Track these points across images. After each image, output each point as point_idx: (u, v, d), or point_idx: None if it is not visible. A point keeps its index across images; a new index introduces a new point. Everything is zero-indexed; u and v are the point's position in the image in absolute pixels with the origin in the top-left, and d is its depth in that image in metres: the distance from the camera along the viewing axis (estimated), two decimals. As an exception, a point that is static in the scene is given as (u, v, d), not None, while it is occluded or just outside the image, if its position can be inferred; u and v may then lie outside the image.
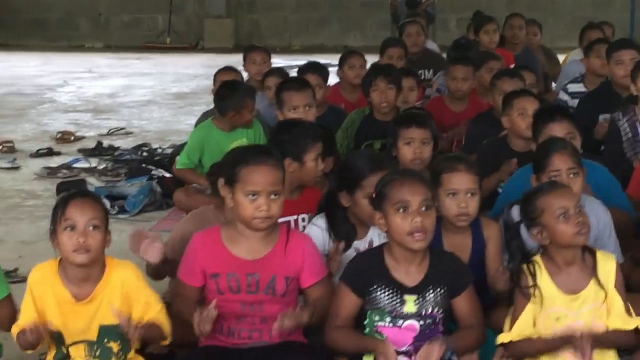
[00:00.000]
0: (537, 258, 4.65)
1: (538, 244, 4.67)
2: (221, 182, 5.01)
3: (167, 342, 4.78)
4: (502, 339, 4.62)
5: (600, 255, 4.66)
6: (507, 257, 4.98)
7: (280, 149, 5.30)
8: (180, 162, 7.74)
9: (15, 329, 4.60)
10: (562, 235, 4.55)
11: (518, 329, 4.59)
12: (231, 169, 4.78)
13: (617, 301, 4.61)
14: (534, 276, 4.61)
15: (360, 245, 5.18)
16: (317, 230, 5.29)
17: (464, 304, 4.69)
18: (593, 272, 4.61)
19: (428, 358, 4.40)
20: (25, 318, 4.62)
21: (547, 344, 4.55)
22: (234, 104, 7.49)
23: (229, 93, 7.60)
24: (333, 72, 9.58)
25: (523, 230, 4.75)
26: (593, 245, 4.87)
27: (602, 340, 4.55)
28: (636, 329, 4.61)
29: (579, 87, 9.20)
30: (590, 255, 4.65)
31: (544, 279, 4.61)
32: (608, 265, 4.64)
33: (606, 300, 4.59)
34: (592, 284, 4.59)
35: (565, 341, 4.50)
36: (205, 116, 8.45)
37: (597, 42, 9.46)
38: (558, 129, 6.06)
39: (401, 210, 4.55)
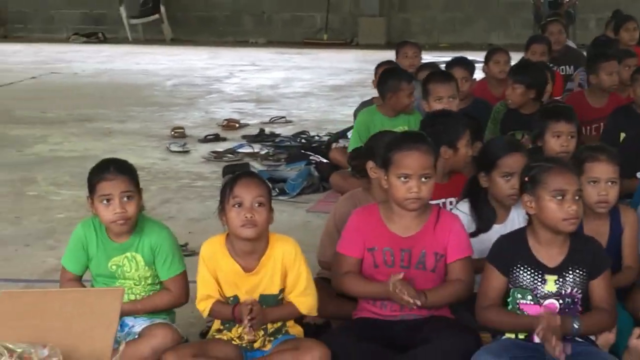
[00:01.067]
0: None
1: None
2: (370, 164, 5.04)
3: (314, 314, 4.83)
4: None
5: None
6: None
7: (435, 138, 5.29)
8: (351, 144, 7.93)
9: (206, 301, 4.72)
10: None
11: None
12: (386, 153, 4.79)
13: None
14: None
15: (502, 229, 5.09)
16: (460, 214, 5.23)
17: (599, 286, 4.60)
18: None
19: (549, 325, 4.36)
20: (208, 289, 4.74)
21: None
22: (391, 86, 7.75)
23: (387, 77, 7.90)
24: (479, 68, 9.50)
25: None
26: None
27: None
28: None
29: None
30: None
31: None
32: None
33: None
34: None
35: None
36: (362, 105, 8.54)
37: None
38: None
39: (558, 197, 4.50)
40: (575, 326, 4.48)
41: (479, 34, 20.98)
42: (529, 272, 4.56)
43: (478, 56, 9.87)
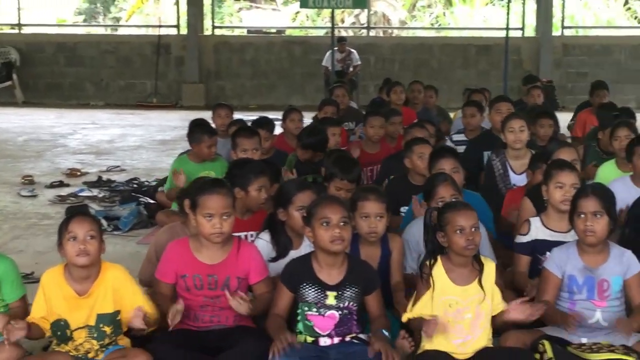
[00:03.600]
0: (440, 257, 4.67)
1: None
2: (187, 203, 5.08)
3: (154, 327, 4.79)
4: (406, 316, 4.66)
5: (485, 261, 4.72)
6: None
7: (231, 181, 5.40)
8: (166, 187, 8.02)
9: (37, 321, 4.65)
10: (455, 244, 4.61)
11: (419, 309, 4.62)
12: (193, 196, 4.84)
13: (496, 293, 4.68)
14: (431, 269, 4.64)
15: (297, 254, 5.14)
16: (263, 242, 5.31)
17: (374, 300, 4.75)
18: (479, 274, 4.66)
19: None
20: (36, 311, 4.67)
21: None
22: (195, 138, 7.85)
23: (192, 130, 8.02)
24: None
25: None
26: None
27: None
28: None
29: (460, 137, 9.33)
30: (477, 261, 4.69)
31: (440, 273, 4.64)
32: (489, 268, 4.70)
33: (486, 294, 4.64)
34: (476, 282, 4.64)
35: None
36: (180, 155, 8.52)
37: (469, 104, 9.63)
38: (445, 164, 6.16)
39: (324, 224, 4.62)
40: (385, 333, 4.62)
41: (281, 97, 21.18)
42: (313, 290, 4.64)
43: (279, 115, 10.00)
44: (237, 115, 10.19)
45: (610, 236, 5.01)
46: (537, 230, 5.48)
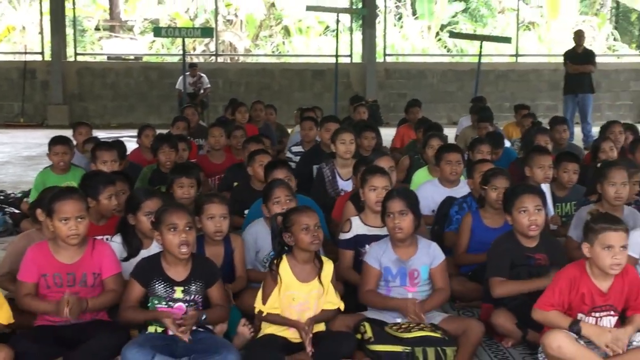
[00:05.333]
0: (285, 256, 4.69)
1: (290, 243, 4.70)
2: (39, 212, 4.94)
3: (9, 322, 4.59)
4: (259, 308, 4.67)
5: (325, 260, 4.77)
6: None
7: (84, 190, 5.30)
8: (31, 197, 7.77)
9: None
10: (301, 242, 4.65)
11: (270, 303, 4.64)
12: (49, 204, 4.71)
13: (331, 289, 4.74)
14: (277, 266, 4.67)
15: (147, 253, 5.05)
16: (115, 244, 5.20)
17: (214, 292, 4.71)
18: (319, 271, 4.71)
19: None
20: None
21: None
22: (50, 150, 7.82)
23: (50, 144, 7.91)
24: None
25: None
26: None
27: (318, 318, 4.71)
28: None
29: (298, 148, 9.42)
30: (318, 260, 4.75)
31: (285, 269, 4.66)
32: (328, 267, 4.76)
33: (324, 289, 4.69)
34: (317, 279, 4.69)
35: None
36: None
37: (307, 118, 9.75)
38: (279, 174, 6.20)
39: (172, 230, 4.57)
40: (203, 317, 4.57)
41: (139, 116, 20.84)
42: (162, 285, 4.59)
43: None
44: (100, 133, 9.98)
45: (420, 231, 5.16)
46: (357, 227, 5.56)
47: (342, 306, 4.76)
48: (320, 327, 4.72)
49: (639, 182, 6.40)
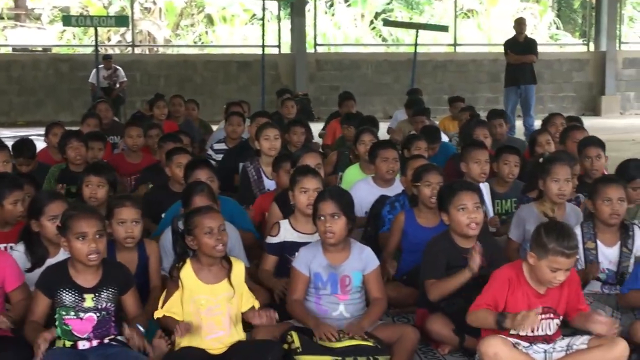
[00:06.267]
0: (189, 259, 4.65)
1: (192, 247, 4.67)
2: None
3: None
4: (157, 314, 4.63)
5: (234, 261, 4.74)
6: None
7: None
8: None
9: None
10: (205, 246, 4.61)
11: (168, 307, 4.60)
12: None
13: (246, 290, 4.72)
14: (179, 271, 4.62)
15: (54, 262, 4.93)
16: (17, 253, 5.10)
17: (129, 299, 4.67)
18: (228, 272, 4.68)
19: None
20: None
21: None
22: None
23: None
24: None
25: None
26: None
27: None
28: None
29: (221, 146, 9.38)
30: (227, 261, 4.71)
31: (189, 274, 4.63)
32: (238, 268, 4.73)
33: (235, 291, 4.66)
34: (226, 280, 4.66)
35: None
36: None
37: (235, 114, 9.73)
38: (201, 174, 6.16)
39: (80, 238, 4.50)
40: (141, 328, 4.51)
41: (49, 113, 20.43)
42: (70, 293, 4.51)
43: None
44: (5, 132, 9.79)
45: (353, 234, 5.17)
46: (286, 232, 5.55)
47: (257, 304, 4.72)
48: (242, 335, 4.69)
49: (577, 176, 6.51)
